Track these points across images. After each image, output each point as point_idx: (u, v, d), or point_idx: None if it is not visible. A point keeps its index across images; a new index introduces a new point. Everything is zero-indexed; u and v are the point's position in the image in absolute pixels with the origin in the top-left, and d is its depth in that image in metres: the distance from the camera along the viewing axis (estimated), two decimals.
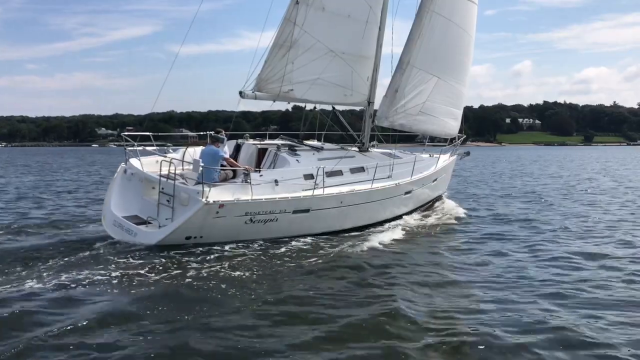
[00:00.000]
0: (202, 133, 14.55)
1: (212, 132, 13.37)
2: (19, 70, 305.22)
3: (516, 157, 76.74)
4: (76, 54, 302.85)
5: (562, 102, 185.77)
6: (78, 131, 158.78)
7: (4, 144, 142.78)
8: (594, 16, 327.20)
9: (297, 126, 16.82)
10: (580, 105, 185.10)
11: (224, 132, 13.74)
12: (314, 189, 12.07)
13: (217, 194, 10.87)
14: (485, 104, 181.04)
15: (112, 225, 11.49)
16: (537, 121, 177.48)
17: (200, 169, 11.07)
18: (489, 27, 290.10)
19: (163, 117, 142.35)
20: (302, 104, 15.93)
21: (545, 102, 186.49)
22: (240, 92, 13.38)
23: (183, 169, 12.27)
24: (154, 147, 12.89)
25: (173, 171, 11.41)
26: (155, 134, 13.73)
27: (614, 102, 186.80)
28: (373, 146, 17.52)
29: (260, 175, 11.77)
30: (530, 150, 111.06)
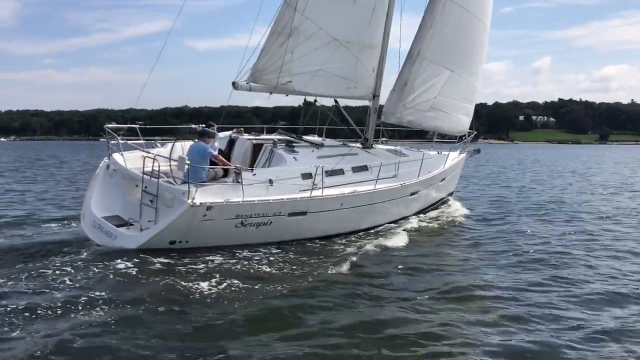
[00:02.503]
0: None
1: (203, 125, 12.44)
2: (37, 65, 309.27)
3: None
4: (92, 49, 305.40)
5: (578, 99, 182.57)
6: (89, 125, 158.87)
7: (13, 137, 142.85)
8: (613, 13, 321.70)
9: (306, 121, 15.81)
10: (597, 102, 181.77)
11: (215, 126, 12.77)
12: (312, 189, 11.05)
13: (204, 194, 9.88)
14: (502, 102, 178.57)
15: (91, 226, 10.54)
16: (551, 119, 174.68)
17: (186, 167, 10.09)
18: (506, 24, 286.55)
19: (173, 112, 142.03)
20: (310, 98, 14.85)
21: (560, 99, 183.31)
22: (234, 83, 12.28)
23: (170, 166, 11.29)
24: (141, 141, 11.94)
25: (157, 168, 10.42)
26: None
27: (632, 100, 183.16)
28: (382, 143, 16.51)
29: (254, 175, 10.76)
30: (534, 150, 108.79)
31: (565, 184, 27.55)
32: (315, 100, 14.43)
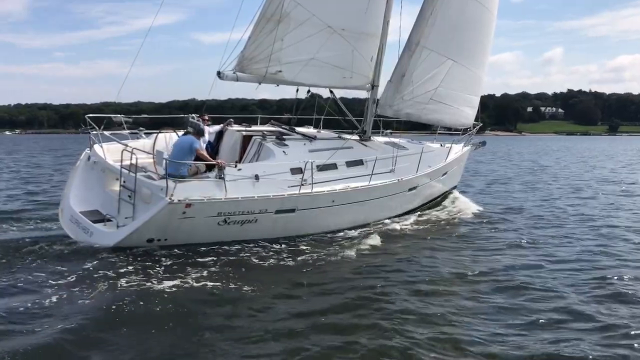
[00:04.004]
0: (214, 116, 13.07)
1: (194, 116, 11.91)
2: (47, 58, 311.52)
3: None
4: (101, 42, 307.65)
5: (588, 90, 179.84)
6: (95, 118, 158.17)
7: (18, 131, 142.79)
8: (625, 2, 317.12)
9: (310, 113, 15.24)
10: (607, 93, 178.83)
11: (207, 117, 12.16)
12: (301, 185, 10.43)
13: (184, 191, 9.30)
14: (512, 93, 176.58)
15: (69, 221, 10.04)
16: (560, 110, 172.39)
17: (164, 161, 9.50)
18: (516, 14, 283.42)
19: (180, 105, 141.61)
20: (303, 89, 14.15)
21: (569, 90, 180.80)
22: (219, 73, 11.60)
23: (154, 160, 10.70)
24: (125, 133, 11.48)
25: (135, 162, 9.84)
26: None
27: None
28: (386, 135, 15.85)
29: (239, 170, 10.15)
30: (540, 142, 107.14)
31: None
32: (309, 91, 13.75)
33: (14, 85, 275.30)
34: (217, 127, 12.49)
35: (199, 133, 10.57)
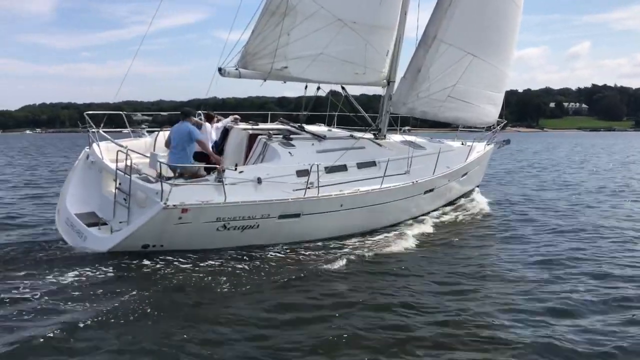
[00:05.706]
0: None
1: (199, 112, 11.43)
2: (75, 58, 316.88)
3: None
4: (127, 42, 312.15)
5: (618, 85, 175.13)
6: (113, 117, 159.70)
7: (39, 130, 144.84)
8: None
9: (325, 110, 14.57)
10: (634, 88, 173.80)
11: (215, 115, 11.60)
12: (307, 188, 9.75)
13: (180, 195, 8.70)
14: (538, 88, 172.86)
15: (64, 224, 9.56)
16: (584, 105, 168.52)
17: (159, 164, 8.93)
18: (542, 8, 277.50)
19: (200, 103, 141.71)
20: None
21: (594, 84, 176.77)
22: (220, 69, 10.95)
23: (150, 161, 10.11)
24: (127, 131, 11.04)
25: (130, 163, 9.30)
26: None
27: None
28: (404, 132, 15.09)
29: (240, 172, 9.51)
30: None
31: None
32: (319, 88, 13.04)
33: (41, 85, 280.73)
34: (225, 121, 11.94)
35: (187, 115, 9.93)
